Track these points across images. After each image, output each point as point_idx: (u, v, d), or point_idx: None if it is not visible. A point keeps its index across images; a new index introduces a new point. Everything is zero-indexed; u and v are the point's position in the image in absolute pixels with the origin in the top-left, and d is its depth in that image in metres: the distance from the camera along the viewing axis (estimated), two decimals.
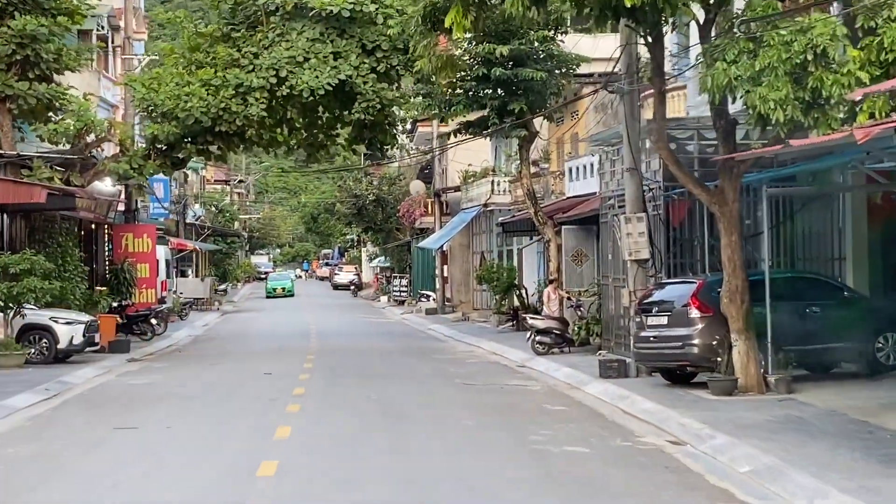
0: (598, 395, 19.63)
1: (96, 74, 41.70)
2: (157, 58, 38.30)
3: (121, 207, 41.81)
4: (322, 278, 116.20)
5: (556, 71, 30.33)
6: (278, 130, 30.26)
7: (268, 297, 75.89)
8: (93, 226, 39.17)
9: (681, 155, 20.98)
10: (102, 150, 30.24)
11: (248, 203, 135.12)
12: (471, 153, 50.58)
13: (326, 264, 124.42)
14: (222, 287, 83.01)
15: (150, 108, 29.38)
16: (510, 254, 46.00)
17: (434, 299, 56.52)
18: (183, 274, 67.41)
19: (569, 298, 28.40)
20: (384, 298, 70.11)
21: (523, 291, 38.23)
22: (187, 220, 70.87)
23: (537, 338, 26.95)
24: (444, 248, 53.42)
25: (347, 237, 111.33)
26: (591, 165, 33.36)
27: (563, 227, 29.92)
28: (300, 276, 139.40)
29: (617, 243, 25.07)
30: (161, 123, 29.00)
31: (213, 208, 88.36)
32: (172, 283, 49.75)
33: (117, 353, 30.29)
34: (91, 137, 29.71)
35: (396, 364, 26.62)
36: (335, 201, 75.30)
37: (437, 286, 53.67)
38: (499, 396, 19.72)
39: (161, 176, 60.38)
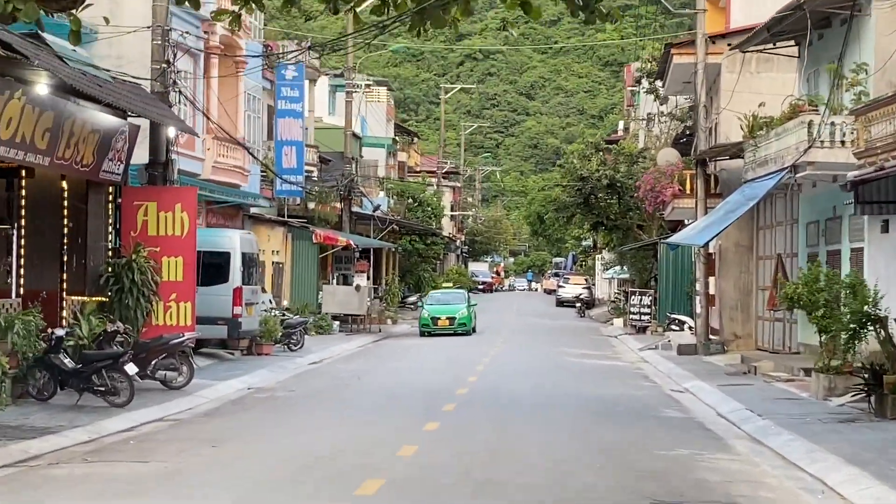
0: None
1: None
2: None
3: (140, 160, 23.86)
4: (549, 291, 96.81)
5: None
6: None
7: (422, 334, 42.89)
8: (63, 184, 21.21)
9: None
10: None
11: (472, 201, 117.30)
12: (759, 97, 30.46)
13: (555, 275, 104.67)
14: (412, 299, 65.04)
15: None
16: (834, 257, 25.71)
17: (691, 329, 36.64)
18: (345, 280, 49.59)
19: None
20: (618, 322, 50.31)
21: (893, 328, 18.12)
22: (354, 209, 52.96)
23: None
24: (711, 249, 33.39)
25: (583, 243, 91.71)
26: None
27: None
28: (534, 288, 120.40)
29: None
30: None
31: (411, 200, 70.50)
32: (273, 294, 31.60)
33: None
34: None
35: None
36: (556, 184, 55.48)
37: (698, 309, 33.54)
38: None
39: (293, 137, 42.80)
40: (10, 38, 16.40)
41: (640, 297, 45.73)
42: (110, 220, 22.88)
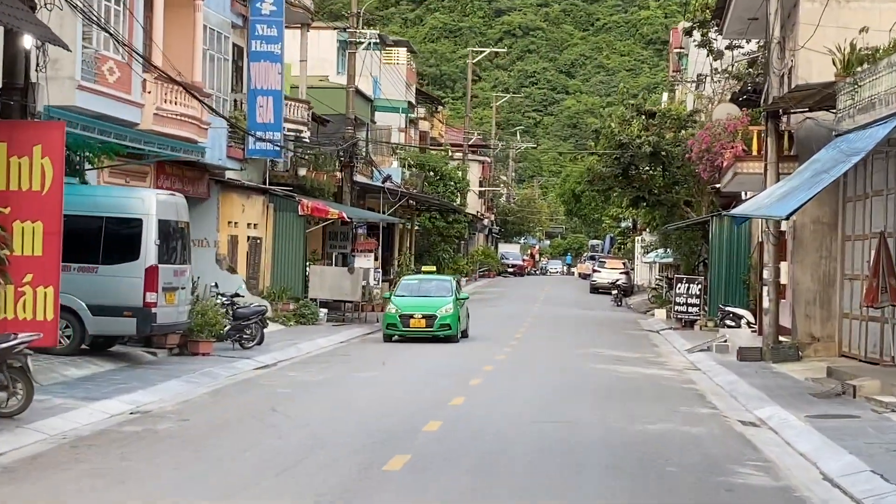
0: None
1: None
2: None
3: None
4: (584, 276, 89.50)
5: None
6: None
7: (387, 338, 30.68)
8: None
9: None
10: None
11: (505, 179, 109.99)
12: (848, 33, 23.19)
13: (591, 258, 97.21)
14: None
15: None
16: None
17: (750, 325, 29.62)
18: (345, 260, 42.73)
19: None
20: (659, 313, 43.09)
21: None
22: (361, 179, 46.11)
23: None
24: (782, 227, 26.09)
25: (622, 224, 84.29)
26: None
27: None
28: (571, 272, 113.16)
29: None
30: None
31: (431, 173, 63.41)
32: (209, 272, 24.72)
33: None
34: None
35: None
36: (590, 152, 48.02)
37: (766, 303, 26.23)
38: None
39: (270, 86, 35.81)
40: None
41: (686, 284, 38.45)
42: None
